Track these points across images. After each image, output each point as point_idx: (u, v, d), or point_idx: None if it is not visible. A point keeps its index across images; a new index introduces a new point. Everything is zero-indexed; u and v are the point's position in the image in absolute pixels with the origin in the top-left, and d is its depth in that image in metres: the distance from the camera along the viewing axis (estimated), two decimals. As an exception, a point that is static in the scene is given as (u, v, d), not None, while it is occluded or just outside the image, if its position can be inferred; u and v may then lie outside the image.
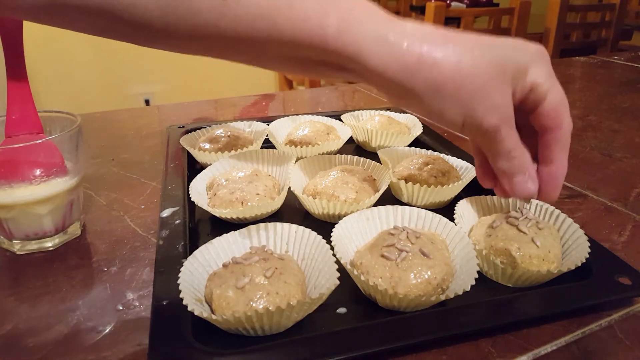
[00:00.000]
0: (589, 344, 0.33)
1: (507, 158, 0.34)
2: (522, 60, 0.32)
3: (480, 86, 0.31)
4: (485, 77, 0.31)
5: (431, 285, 0.34)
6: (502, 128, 0.32)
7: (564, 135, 0.34)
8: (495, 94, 0.31)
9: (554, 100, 0.33)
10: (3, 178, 0.40)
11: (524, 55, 0.32)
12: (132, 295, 0.38)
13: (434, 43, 0.30)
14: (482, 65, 0.31)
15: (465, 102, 0.31)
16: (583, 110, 0.85)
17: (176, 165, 0.55)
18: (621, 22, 2.14)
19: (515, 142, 0.33)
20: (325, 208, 0.45)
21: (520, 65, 0.32)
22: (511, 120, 0.32)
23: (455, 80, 0.30)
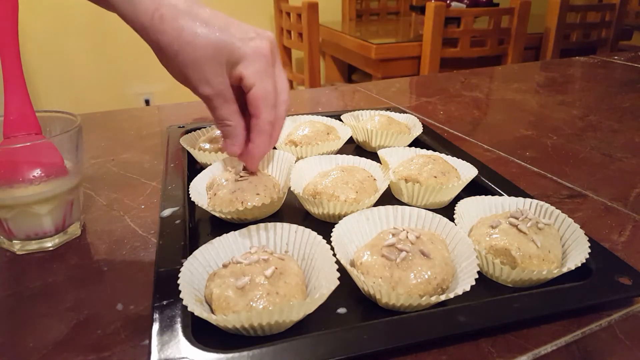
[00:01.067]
0: (589, 344, 0.33)
1: (221, 124, 0.41)
2: (237, 52, 0.37)
3: (194, 58, 0.36)
4: (201, 53, 0.36)
5: (431, 285, 0.34)
6: (215, 99, 0.39)
7: (262, 123, 0.40)
8: (207, 70, 0.37)
9: (255, 94, 0.38)
10: (3, 178, 0.40)
11: (240, 48, 0.37)
12: (132, 295, 0.38)
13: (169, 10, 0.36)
14: (202, 43, 0.36)
15: (181, 68, 0.37)
16: (583, 110, 0.85)
17: (176, 165, 0.55)
18: (621, 22, 2.14)
19: (228, 113, 0.40)
20: (325, 208, 0.45)
21: (233, 55, 0.37)
22: (224, 95, 0.39)
23: (173, 47, 0.36)
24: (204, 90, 0.38)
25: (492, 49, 1.86)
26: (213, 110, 0.40)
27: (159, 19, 0.35)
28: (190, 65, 0.37)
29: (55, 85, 2.23)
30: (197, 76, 0.37)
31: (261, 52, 0.38)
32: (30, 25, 2.06)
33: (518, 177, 0.59)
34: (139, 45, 0.42)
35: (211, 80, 0.37)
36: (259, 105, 0.39)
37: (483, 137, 0.72)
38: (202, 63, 0.37)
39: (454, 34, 1.78)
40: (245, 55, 0.37)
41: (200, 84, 0.38)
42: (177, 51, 0.36)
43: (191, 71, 0.37)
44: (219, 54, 0.37)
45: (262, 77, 0.38)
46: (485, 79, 1.08)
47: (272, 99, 0.39)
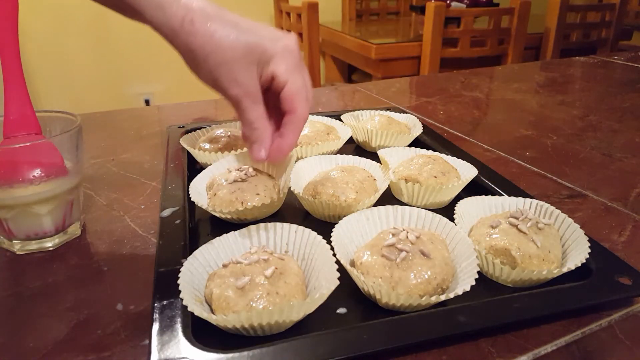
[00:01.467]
0: (589, 344, 0.33)
1: (249, 127, 0.41)
2: (268, 51, 0.38)
3: (225, 60, 0.37)
4: (232, 54, 0.37)
5: (431, 285, 0.34)
6: (244, 100, 0.39)
7: (296, 119, 0.40)
8: (239, 71, 0.37)
9: (291, 90, 0.39)
10: (3, 178, 0.40)
11: (271, 47, 0.38)
12: (132, 295, 0.38)
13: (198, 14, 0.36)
14: (233, 44, 0.37)
15: (212, 70, 0.37)
16: (583, 110, 0.85)
17: (176, 165, 0.55)
18: (621, 22, 2.14)
19: (257, 115, 0.40)
20: (325, 208, 0.45)
21: (265, 55, 0.38)
22: (254, 96, 0.39)
23: (205, 50, 0.37)
24: (235, 90, 0.38)
25: (492, 49, 1.86)
26: (242, 112, 0.40)
27: (189, 23, 0.36)
28: (222, 66, 0.37)
29: (55, 85, 2.23)
30: (228, 77, 0.38)
31: (291, 49, 0.39)
32: (30, 25, 2.06)
33: (518, 177, 0.59)
34: (139, 45, 0.42)
35: (242, 80, 0.38)
36: (295, 100, 0.40)
37: (483, 137, 0.72)
38: (233, 63, 0.37)
39: (454, 34, 1.78)
40: (276, 53, 0.38)
41: (231, 84, 0.38)
42: (208, 53, 0.37)
43: (222, 72, 0.37)
44: (250, 53, 0.37)
45: (294, 73, 0.39)
46: (485, 79, 1.08)
47: (304, 94, 0.40)
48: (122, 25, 0.42)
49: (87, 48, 2.23)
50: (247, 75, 0.38)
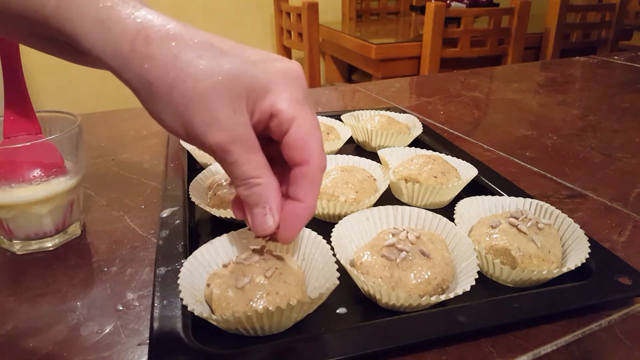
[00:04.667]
0: (589, 344, 0.33)
1: (245, 184, 0.29)
2: (261, 78, 0.27)
3: (199, 93, 0.26)
4: (208, 85, 0.26)
5: (431, 285, 0.34)
6: (232, 149, 0.27)
7: (312, 173, 0.29)
8: (219, 107, 0.26)
9: (300, 132, 0.28)
10: (3, 178, 0.40)
11: (264, 72, 0.27)
12: (132, 295, 0.38)
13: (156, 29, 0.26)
14: (207, 67, 0.26)
15: (180, 108, 0.26)
16: (583, 110, 0.85)
17: (176, 165, 0.55)
18: (621, 22, 2.14)
19: (255, 167, 0.29)
20: (325, 208, 0.45)
21: (256, 84, 0.27)
22: (247, 142, 0.28)
23: (169, 78, 0.25)
24: (217, 137, 0.27)
25: (492, 49, 1.86)
26: (231, 166, 0.28)
27: (143, 42, 0.25)
28: (194, 102, 0.26)
29: (55, 85, 2.23)
30: (204, 117, 0.26)
31: (294, 74, 0.29)
32: (30, 25, 2.06)
33: (518, 177, 0.59)
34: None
35: (225, 121, 0.26)
36: (307, 146, 0.29)
37: (483, 137, 0.72)
38: (210, 97, 0.26)
39: (454, 34, 1.78)
40: (275, 80, 0.28)
41: (210, 128, 0.26)
42: (171, 83, 0.26)
43: (195, 111, 0.26)
44: (234, 82, 0.26)
45: (302, 107, 0.28)
46: (485, 79, 1.08)
47: (320, 135, 0.30)
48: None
49: (87, 48, 2.23)
50: (233, 113, 0.27)
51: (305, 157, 0.29)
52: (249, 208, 0.30)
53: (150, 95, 0.26)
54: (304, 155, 0.29)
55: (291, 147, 0.29)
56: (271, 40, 2.57)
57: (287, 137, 0.28)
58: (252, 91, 0.27)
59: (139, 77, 0.26)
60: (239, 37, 2.51)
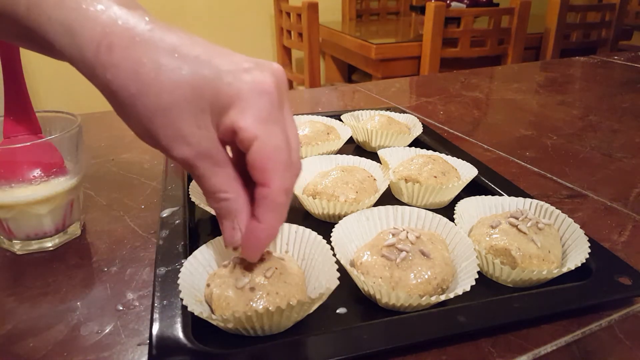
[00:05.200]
0: (589, 344, 0.33)
1: (214, 198, 0.29)
2: (226, 91, 0.26)
3: (162, 108, 0.25)
4: (170, 97, 0.25)
5: (431, 285, 0.34)
6: (198, 164, 0.27)
7: (272, 195, 0.28)
8: (182, 121, 0.25)
9: (260, 153, 0.27)
10: (3, 178, 0.40)
11: (230, 85, 0.26)
12: (132, 295, 0.38)
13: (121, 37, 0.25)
14: (169, 80, 0.25)
15: (144, 121, 0.25)
16: (583, 110, 0.85)
17: (176, 165, 0.55)
18: (621, 22, 2.14)
19: (222, 182, 0.28)
20: (325, 208, 0.45)
21: (221, 97, 0.26)
22: (212, 155, 0.27)
23: (131, 90, 0.25)
24: (181, 151, 0.26)
25: (492, 49, 1.87)
26: (199, 179, 0.28)
27: (106, 50, 0.24)
28: (157, 116, 0.25)
29: (55, 85, 2.23)
30: (167, 132, 0.26)
31: (262, 88, 0.27)
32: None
33: (518, 177, 0.59)
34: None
35: (190, 136, 0.26)
36: (268, 168, 0.27)
37: (483, 137, 0.72)
38: (173, 111, 0.25)
39: (454, 34, 1.78)
40: (239, 94, 0.26)
41: (175, 143, 0.26)
42: (134, 95, 0.25)
43: (158, 125, 0.25)
44: (198, 95, 0.25)
45: (267, 125, 0.27)
46: (485, 79, 1.08)
47: (285, 157, 0.28)
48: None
49: (87, 48, 2.23)
50: (197, 127, 0.26)
51: (265, 179, 0.28)
52: (219, 219, 0.30)
53: (115, 104, 0.26)
54: (264, 177, 0.28)
55: (252, 167, 0.28)
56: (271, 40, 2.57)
57: (249, 156, 0.27)
58: (215, 105, 0.26)
59: (103, 86, 0.25)
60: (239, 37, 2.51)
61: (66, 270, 0.41)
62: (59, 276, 0.40)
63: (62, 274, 0.40)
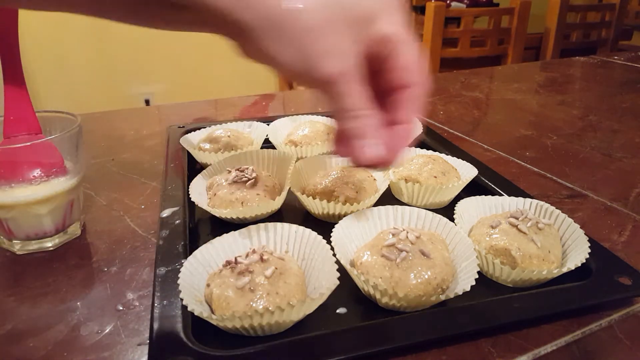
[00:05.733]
0: (589, 344, 0.33)
1: (350, 117, 0.30)
2: (371, 6, 0.28)
3: (315, 25, 0.26)
4: (325, 14, 0.26)
5: (431, 285, 0.34)
6: (345, 80, 0.28)
7: (420, 92, 0.30)
8: (333, 38, 0.27)
9: (409, 54, 0.29)
10: (3, 178, 0.40)
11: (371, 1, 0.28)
12: (132, 295, 0.38)
13: None
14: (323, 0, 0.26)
15: (294, 43, 0.26)
16: (583, 110, 0.85)
17: (176, 165, 0.55)
18: (621, 22, 2.14)
19: (359, 99, 0.29)
20: (325, 208, 0.45)
21: (366, 10, 0.28)
22: (354, 72, 0.28)
23: (283, 14, 0.26)
24: (328, 67, 0.27)
25: (492, 49, 1.87)
26: (340, 97, 0.29)
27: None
28: (310, 34, 0.26)
29: (55, 85, 2.23)
30: (317, 48, 0.27)
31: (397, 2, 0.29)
32: (30, 25, 2.06)
33: (518, 177, 0.59)
34: (139, 45, 0.41)
35: (338, 51, 0.27)
36: (416, 68, 0.30)
37: (483, 137, 0.72)
38: (325, 27, 0.26)
39: (454, 34, 1.78)
40: (382, 8, 0.28)
41: (325, 57, 0.27)
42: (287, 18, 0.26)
43: (309, 42, 0.26)
44: (347, 14, 0.27)
45: (408, 32, 0.29)
46: (485, 79, 1.08)
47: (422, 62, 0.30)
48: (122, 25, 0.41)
49: (87, 48, 2.23)
50: (344, 43, 0.27)
51: (413, 78, 0.30)
52: (359, 139, 0.31)
53: (265, 30, 0.26)
54: (412, 77, 0.30)
55: (400, 69, 0.29)
56: (271, 40, 2.57)
57: (396, 60, 0.29)
58: (363, 19, 0.28)
59: (255, 12, 0.25)
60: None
61: (66, 270, 0.41)
62: (59, 276, 0.40)
63: (62, 274, 0.40)
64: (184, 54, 2.28)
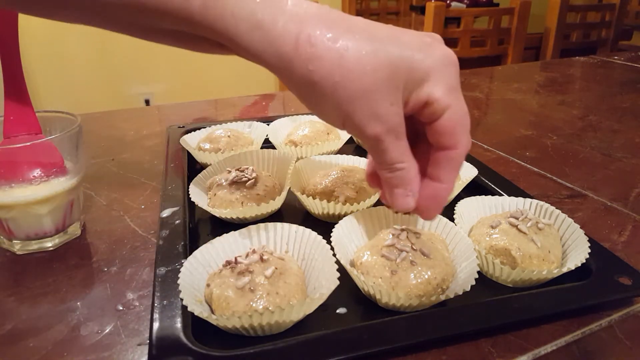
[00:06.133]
0: (589, 344, 0.33)
1: (390, 169, 0.31)
2: (420, 67, 0.28)
3: (363, 89, 0.27)
4: (371, 80, 0.26)
5: (431, 285, 0.34)
6: (386, 139, 0.29)
7: (457, 157, 0.31)
8: (379, 101, 0.27)
9: (452, 120, 0.29)
10: (3, 178, 0.40)
11: (423, 61, 0.28)
12: (132, 295, 0.38)
13: (317, 27, 0.26)
14: (370, 63, 0.26)
15: (343, 104, 0.27)
16: (583, 110, 0.85)
17: (176, 165, 0.55)
18: (621, 22, 2.14)
19: (400, 153, 0.30)
20: (325, 208, 0.45)
21: (416, 73, 0.28)
22: (398, 131, 0.29)
23: (334, 78, 0.26)
24: (375, 129, 0.28)
25: (492, 49, 1.86)
26: (381, 153, 0.30)
27: (307, 43, 0.25)
28: (357, 99, 0.27)
29: (55, 85, 2.23)
30: (365, 111, 0.27)
31: (450, 60, 0.29)
32: (30, 25, 2.06)
33: (518, 177, 0.58)
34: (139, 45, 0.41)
35: (384, 114, 0.27)
36: (457, 132, 0.30)
37: (483, 137, 0.72)
38: (373, 92, 0.27)
39: (454, 34, 1.78)
40: (432, 69, 0.28)
41: (370, 121, 0.27)
42: (337, 83, 0.26)
43: (358, 106, 0.27)
44: (394, 74, 0.27)
45: (456, 94, 0.29)
46: (485, 79, 1.08)
47: (469, 121, 0.31)
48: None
49: (87, 48, 2.23)
50: (391, 105, 0.27)
51: (453, 142, 0.30)
52: (391, 188, 0.32)
53: (312, 93, 0.27)
54: (452, 141, 0.30)
55: (441, 133, 0.30)
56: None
57: (438, 123, 0.30)
58: (409, 81, 0.28)
59: (301, 77, 0.26)
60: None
61: (66, 270, 0.41)
62: (59, 276, 0.40)
63: (62, 274, 0.40)
64: (184, 54, 2.28)
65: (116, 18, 0.28)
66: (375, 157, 0.31)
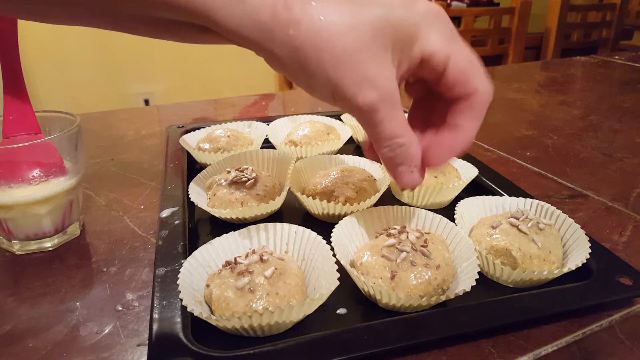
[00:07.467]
0: (589, 344, 0.33)
1: (389, 146, 0.29)
2: (406, 24, 0.26)
3: (347, 49, 0.25)
4: (355, 40, 0.25)
5: (431, 285, 0.34)
6: (380, 108, 0.27)
7: (477, 104, 0.29)
8: (368, 62, 0.25)
9: (458, 67, 0.28)
10: (2, 178, 0.40)
11: (408, 18, 0.26)
12: (131, 296, 0.38)
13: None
14: (352, 23, 0.25)
15: (330, 70, 0.25)
16: (583, 110, 0.85)
17: (176, 165, 0.55)
18: (622, 21, 2.14)
19: (398, 125, 0.28)
20: (325, 208, 0.45)
21: (403, 31, 0.26)
22: (393, 98, 0.27)
23: (316, 42, 0.25)
24: (368, 95, 0.26)
25: (492, 49, 1.86)
26: (376, 126, 0.28)
27: (284, 8, 0.25)
28: (344, 62, 0.25)
29: (55, 85, 2.23)
30: (354, 76, 0.26)
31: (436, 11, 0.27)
32: (30, 25, 2.06)
33: (518, 177, 0.58)
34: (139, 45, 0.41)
35: (374, 76, 0.26)
36: (470, 77, 0.28)
37: (483, 137, 0.72)
38: (359, 52, 0.25)
39: (454, 33, 1.78)
40: (419, 24, 0.26)
41: (361, 87, 0.26)
42: (319, 46, 0.25)
43: (344, 71, 0.25)
44: (380, 34, 0.25)
45: (454, 42, 0.28)
46: (486, 78, 1.08)
47: (479, 63, 0.29)
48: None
49: (87, 48, 2.23)
50: (382, 68, 0.26)
51: (469, 89, 0.28)
52: (394, 167, 0.30)
53: (296, 61, 0.26)
54: (467, 89, 0.28)
55: (452, 85, 0.28)
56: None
57: (446, 76, 0.28)
58: (398, 41, 0.26)
59: (283, 44, 0.25)
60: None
61: (65, 270, 0.41)
62: (58, 276, 0.40)
63: (61, 274, 0.40)
64: (183, 54, 2.28)
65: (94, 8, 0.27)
66: (372, 132, 0.29)
